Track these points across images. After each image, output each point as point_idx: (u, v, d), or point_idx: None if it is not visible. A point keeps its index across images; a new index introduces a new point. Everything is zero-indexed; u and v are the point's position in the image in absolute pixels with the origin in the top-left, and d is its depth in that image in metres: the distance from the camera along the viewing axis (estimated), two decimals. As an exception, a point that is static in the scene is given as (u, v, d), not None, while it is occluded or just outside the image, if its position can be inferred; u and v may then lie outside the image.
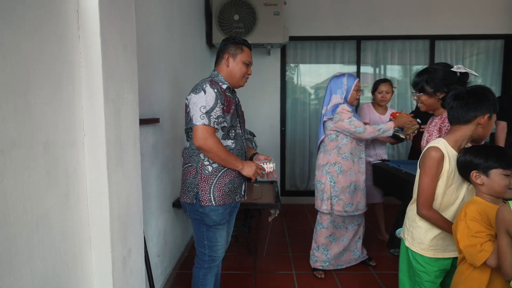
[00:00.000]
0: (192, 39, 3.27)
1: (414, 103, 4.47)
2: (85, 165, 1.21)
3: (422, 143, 1.91)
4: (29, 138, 0.94)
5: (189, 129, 1.71)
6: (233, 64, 1.78)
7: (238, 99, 1.91)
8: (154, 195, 2.19)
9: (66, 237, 1.11)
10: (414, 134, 2.57)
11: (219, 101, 1.65)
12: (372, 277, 2.61)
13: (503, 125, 2.96)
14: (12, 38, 0.88)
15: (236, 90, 1.90)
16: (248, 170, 1.72)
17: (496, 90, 4.53)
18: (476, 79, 4.55)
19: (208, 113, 1.61)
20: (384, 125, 2.46)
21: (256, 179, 1.78)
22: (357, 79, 2.53)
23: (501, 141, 2.96)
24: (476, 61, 4.53)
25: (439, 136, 1.74)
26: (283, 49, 4.43)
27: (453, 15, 4.26)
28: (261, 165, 1.79)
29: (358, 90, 2.53)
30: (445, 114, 1.71)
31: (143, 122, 1.89)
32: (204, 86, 1.64)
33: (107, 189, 1.23)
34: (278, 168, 4.59)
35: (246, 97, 4.41)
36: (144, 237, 1.66)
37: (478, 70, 4.53)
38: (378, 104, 3.01)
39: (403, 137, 2.55)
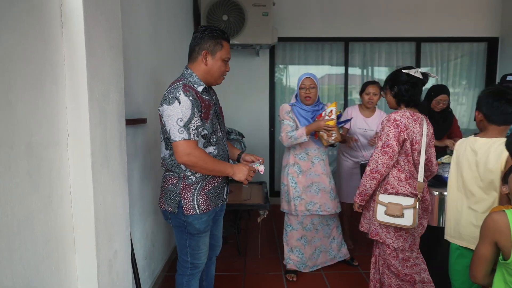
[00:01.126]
0: (179, 39, 3.25)
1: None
2: (69, 166, 1.18)
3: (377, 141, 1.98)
4: (10, 138, 0.92)
5: (167, 139, 1.57)
6: (212, 63, 1.58)
7: (215, 96, 1.75)
8: (141, 196, 2.16)
9: (49, 240, 1.08)
10: (333, 141, 2.37)
11: (196, 110, 1.48)
12: (360, 276, 2.62)
13: (487, 125, 3.03)
14: (-9, 35, 0.86)
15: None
16: (240, 175, 1.62)
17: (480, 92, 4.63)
18: (461, 80, 4.65)
19: (186, 126, 1.45)
20: (295, 133, 2.40)
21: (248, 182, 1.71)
22: (306, 77, 2.43)
23: (485, 141, 3.02)
24: (461, 63, 4.62)
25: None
26: (272, 50, 4.44)
27: (439, 18, 4.35)
28: (253, 167, 1.69)
29: (305, 88, 2.40)
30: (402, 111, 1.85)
31: (130, 122, 1.86)
32: (178, 95, 1.46)
33: (92, 190, 1.20)
34: (267, 169, 4.59)
35: (235, 98, 4.41)
36: (131, 239, 1.63)
37: (463, 71, 4.63)
38: (365, 106, 3.02)
39: (331, 142, 2.36)
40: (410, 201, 1.80)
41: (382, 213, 1.83)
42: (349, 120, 2.75)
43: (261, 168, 1.73)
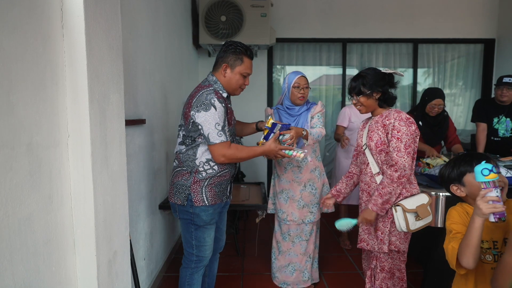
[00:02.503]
0: (178, 40, 3.25)
1: (408, 101, 4.57)
2: (69, 166, 1.18)
3: (359, 141, 1.92)
4: (11, 139, 0.92)
5: (189, 136, 1.69)
6: (230, 75, 1.74)
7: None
8: (140, 197, 2.16)
9: (49, 240, 1.09)
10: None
11: (225, 115, 1.66)
12: (358, 276, 2.64)
13: (483, 126, 3.04)
14: (-7, 36, 0.86)
15: None
16: (270, 155, 1.87)
17: (477, 93, 4.66)
18: (457, 81, 4.68)
19: (223, 129, 1.63)
20: None
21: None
22: (299, 76, 2.30)
23: (481, 141, 3.04)
24: (457, 64, 4.66)
25: (386, 133, 1.71)
26: (270, 51, 4.45)
27: (436, 19, 4.38)
28: (285, 154, 1.87)
29: (300, 87, 2.28)
30: (385, 112, 1.78)
31: (129, 123, 1.87)
32: (213, 101, 1.60)
33: (92, 191, 1.20)
34: (266, 170, 4.59)
35: (233, 98, 4.40)
36: (130, 240, 1.63)
37: (459, 73, 4.66)
38: None
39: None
40: (424, 197, 1.73)
41: (414, 220, 1.68)
42: (275, 127, 2.03)
43: (301, 155, 1.88)
